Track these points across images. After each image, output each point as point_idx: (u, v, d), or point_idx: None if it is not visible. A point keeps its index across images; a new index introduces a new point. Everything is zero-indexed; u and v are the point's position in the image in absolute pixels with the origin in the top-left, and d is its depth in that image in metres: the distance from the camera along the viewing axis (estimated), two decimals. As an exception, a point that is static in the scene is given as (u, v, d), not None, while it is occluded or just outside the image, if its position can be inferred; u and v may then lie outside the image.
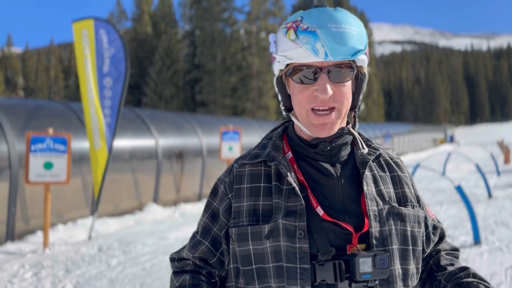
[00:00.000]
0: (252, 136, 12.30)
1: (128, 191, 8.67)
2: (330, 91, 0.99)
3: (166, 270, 5.10)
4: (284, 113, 1.15)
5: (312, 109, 1.02)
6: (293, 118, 1.12)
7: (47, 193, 5.97)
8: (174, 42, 42.96)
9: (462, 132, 75.35)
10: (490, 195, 9.88)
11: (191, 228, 7.43)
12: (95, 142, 6.61)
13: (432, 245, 1.19)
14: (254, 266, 1.03)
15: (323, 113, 1.02)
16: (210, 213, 1.13)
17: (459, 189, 6.35)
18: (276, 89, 1.13)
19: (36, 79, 60.60)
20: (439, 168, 14.90)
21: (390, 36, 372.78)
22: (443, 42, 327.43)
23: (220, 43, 39.96)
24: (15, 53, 66.04)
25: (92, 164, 6.69)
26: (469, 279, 1.06)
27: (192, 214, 8.89)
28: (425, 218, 1.17)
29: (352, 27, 1.00)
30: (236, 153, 9.06)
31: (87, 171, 7.42)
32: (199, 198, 10.46)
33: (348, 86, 1.04)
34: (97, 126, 6.59)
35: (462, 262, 1.20)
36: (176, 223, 7.92)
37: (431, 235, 1.19)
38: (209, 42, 40.24)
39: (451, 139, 51.42)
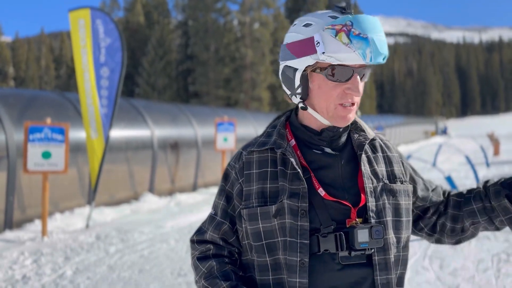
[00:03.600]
0: (246, 128, 12.40)
1: (124, 181, 8.75)
2: (361, 90, 1.14)
3: (164, 257, 5.22)
4: (301, 105, 1.22)
5: (340, 103, 1.16)
6: (310, 110, 1.21)
7: (45, 182, 6.04)
8: (167, 32, 42.72)
9: (453, 125, 76.01)
10: (479, 186, 10.10)
11: (187, 217, 7.54)
12: (92, 132, 6.68)
13: (439, 191, 1.39)
14: (264, 242, 1.16)
15: (349, 106, 1.17)
16: (226, 197, 1.25)
17: (449, 179, 6.53)
18: (299, 82, 1.18)
19: (26, 69, 59.92)
20: (430, 159, 15.13)
21: (383, 28, 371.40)
22: (435, 35, 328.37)
23: (213, 34, 39.81)
24: (4, 42, 65.18)
25: (89, 154, 6.76)
26: None
27: (187, 204, 9.00)
28: (426, 185, 1.36)
29: (383, 34, 1.13)
30: (231, 144, 9.15)
31: (83, 161, 7.49)
32: (194, 188, 10.57)
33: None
34: (93, 116, 6.65)
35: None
36: (172, 213, 8.03)
37: (438, 188, 1.39)
38: (202, 32, 40.08)
39: (445, 131, 51.48)
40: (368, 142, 1.25)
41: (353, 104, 1.16)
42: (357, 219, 1.14)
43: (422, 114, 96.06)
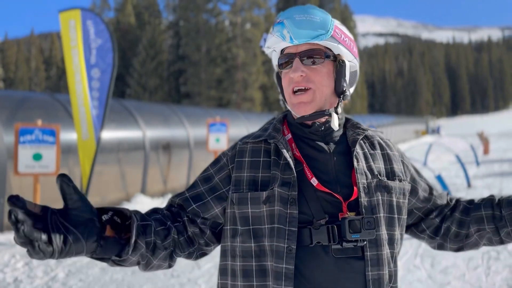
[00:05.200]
0: (239, 128, 12.40)
1: (115, 183, 8.71)
2: (300, 71, 1.17)
3: (156, 259, 5.20)
4: (282, 103, 1.32)
5: (293, 90, 1.20)
6: (288, 107, 1.28)
7: (37, 184, 6.00)
8: (158, 33, 42.57)
9: (443, 124, 76.73)
10: (469, 185, 10.20)
11: (180, 218, 7.53)
12: (83, 134, 6.64)
13: (444, 196, 1.40)
14: (251, 227, 1.17)
15: (300, 93, 1.20)
16: (205, 179, 1.26)
17: (439, 178, 6.59)
18: (276, 82, 1.30)
19: (16, 70, 59.37)
20: (421, 158, 15.26)
21: (374, 28, 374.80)
22: (425, 35, 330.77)
23: (204, 34, 39.76)
24: (-6, 43, 64.50)
25: (80, 155, 6.72)
26: None
27: (179, 204, 8.98)
28: (430, 187, 1.37)
29: (315, 16, 1.18)
30: (223, 144, 9.15)
31: (73, 162, 7.44)
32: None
33: (323, 70, 1.20)
34: (85, 118, 6.61)
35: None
36: (164, 214, 8.01)
37: (443, 194, 1.41)
38: (194, 33, 40.00)
39: (438, 131, 51.60)
40: (361, 138, 1.26)
41: (306, 89, 1.19)
42: (349, 213, 1.15)
43: (412, 114, 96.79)
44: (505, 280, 4.24)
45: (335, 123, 1.22)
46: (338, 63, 1.21)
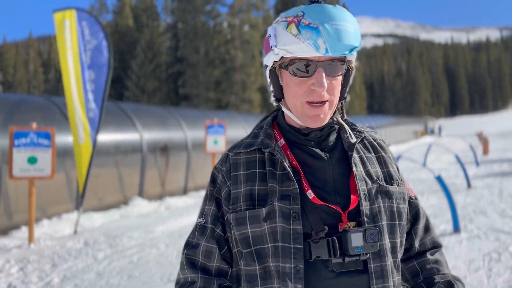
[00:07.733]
0: (237, 130, 12.34)
1: (112, 185, 8.64)
2: (326, 85, 1.05)
3: (153, 263, 5.14)
4: (274, 103, 1.20)
5: (307, 101, 1.08)
6: (283, 109, 1.17)
7: (32, 188, 5.93)
8: (156, 35, 42.52)
9: (442, 124, 76.71)
10: (469, 185, 10.14)
11: (178, 221, 7.46)
12: (79, 136, 6.57)
13: (408, 224, 1.24)
14: (253, 248, 1.09)
15: (317, 105, 1.08)
16: (215, 202, 1.17)
17: (439, 179, 6.53)
18: (268, 80, 1.16)
19: (14, 73, 59.27)
20: (420, 159, 15.19)
21: (372, 29, 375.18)
22: (424, 35, 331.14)
23: (203, 36, 39.71)
24: (-8, 46, 64.35)
25: (76, 158, 6.65)
26: None
27: (177, 207, 8.92)
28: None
29: (350, 24, 1.05)
30: (221, 146, 9.10)
31: (70, 165, 7.37)
32: (184, 191, 10.48)
33: (339, 79, 1.10)
34: (81, 120, 6.55)
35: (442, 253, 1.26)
36: (162, 217, 7.94)
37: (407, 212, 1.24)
38: (192, 35, 39.95)
39: (440, 131, 51.35)
40: (358, 141, 1.18)
41: (323, 102, 1.08)
42: (349, 223, 1.07)
43: (411, 114, 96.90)
44: (507, 282, 4.18)
45: (351, 135, 1.16)
46: (348, 69, 1.13)
